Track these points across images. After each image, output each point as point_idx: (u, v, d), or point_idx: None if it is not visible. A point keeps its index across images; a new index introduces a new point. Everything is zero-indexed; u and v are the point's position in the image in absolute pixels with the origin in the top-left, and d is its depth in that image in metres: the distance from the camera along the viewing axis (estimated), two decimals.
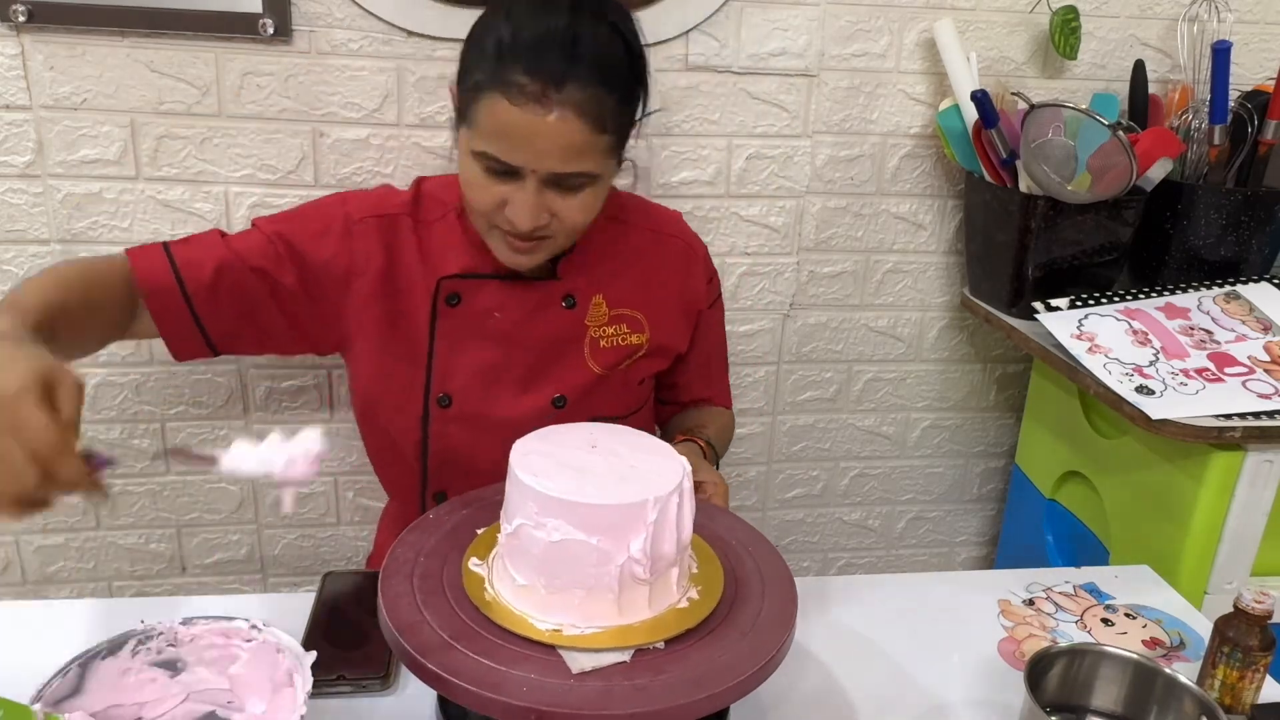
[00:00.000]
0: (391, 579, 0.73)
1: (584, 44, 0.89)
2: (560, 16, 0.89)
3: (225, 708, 0.73)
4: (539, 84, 0.87)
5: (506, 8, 0.92)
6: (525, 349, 1.05)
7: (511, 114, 0.88)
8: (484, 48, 0.91)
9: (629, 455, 0.73)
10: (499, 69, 0.88)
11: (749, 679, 0.66)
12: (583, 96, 0.88)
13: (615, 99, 0.91)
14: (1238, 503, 1.19)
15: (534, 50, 0.88)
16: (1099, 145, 1.27)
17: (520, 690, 0.62)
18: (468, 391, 1.05)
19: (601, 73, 0.90)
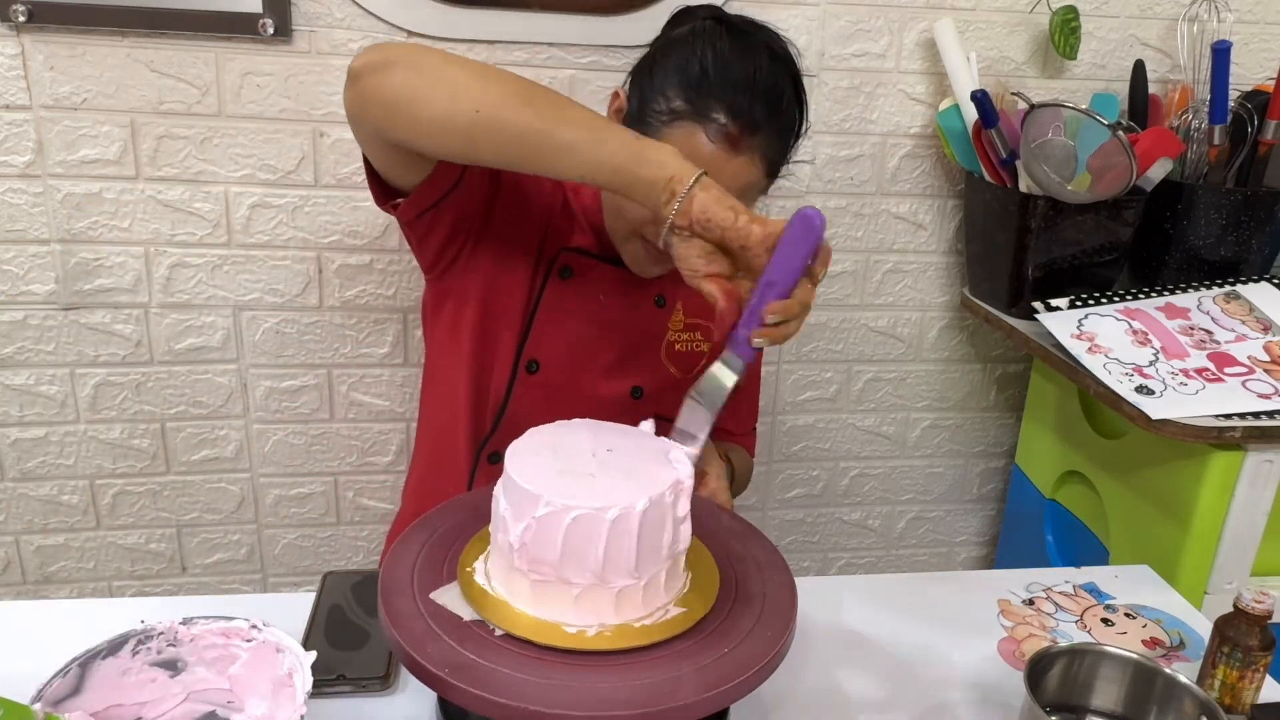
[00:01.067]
0: (391, 579, 0.73)
1: (781, 99, 0.93)
2: (761, 62, 0.92)
3: (225, 708, 0.73)
4: (738, 127, 0.90)
5: (711, 41, 0.94)
6: (617, 335, 1.08)
7: (705, 148, 0.90)
8: (684, 72, 0.92)
9: (628, 454, 0.73)
10: (700, 101, 0.91)
11: (749, 679, 0.66)
12: (768, 146, 0.93)
13: (785, 146, 0.97)
14: (1238, 503, 1.19)
15: (738, 93, 0.90)
16: (1099, 145, 1.27)
17: (520, 690, 0.62)
18: (557, 362, 1.06)
19: (787, 127, 0.96)
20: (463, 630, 0.68)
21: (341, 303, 1.46)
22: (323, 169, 1.38)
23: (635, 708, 0.62)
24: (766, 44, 0.95)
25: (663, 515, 0.68)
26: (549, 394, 1.07)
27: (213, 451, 1.51)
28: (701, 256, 0.78)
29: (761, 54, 0.93)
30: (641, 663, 0.66)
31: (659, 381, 1.11)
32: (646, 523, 0.67)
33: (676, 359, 1.12)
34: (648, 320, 1.10)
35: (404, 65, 0.82)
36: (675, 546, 0.71)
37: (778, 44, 0.97)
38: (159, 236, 1.38)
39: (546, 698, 0.62)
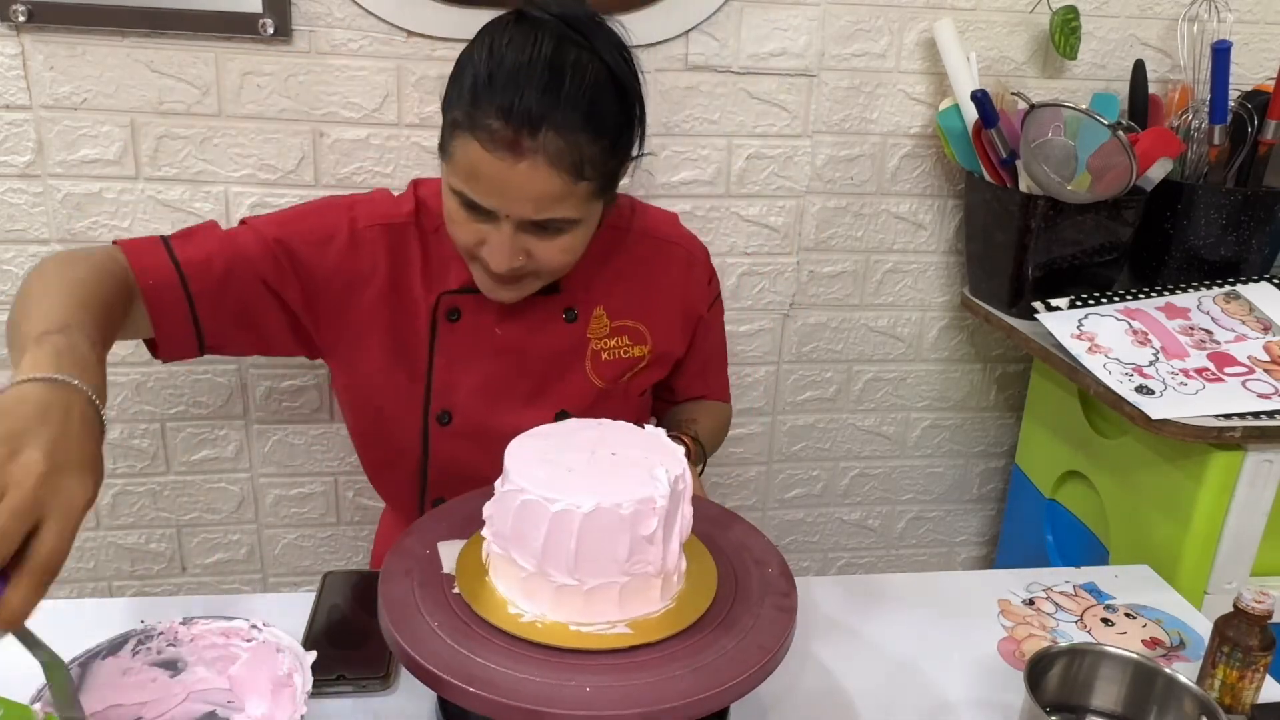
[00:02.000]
0: (391, 579, 0.73)
1: (566, 84, 0.83)
2: (542, 50, 0.83)
3: (225, 708, 0.73)
4: (512, 130, 0.82)
5: (490, 40, 0.86)
6: (527, 364, 1.04)
7: (484, 159, 0.83)
8: (462, 82, 0.86)
9: (626, 453, 0.73)
10: (474, 109, 0.83)
11: (749, 679, 0.66)
12: (560, 144, 0.83)
13: (600, 145, 0.85)
14: (1238, 503, 1.19)
15: (510, 90, 0.82)
16: (1099, 145, 1.27)
17: (520, 690, 0.62)
18: (469, 407, 1.03)
19: (584, 117, 0.83)
20: (463, 630, 0.68)
21: None
22: (323, 169, 1.38)
23: (635, 707, 0.62)
24: (556, 32, 0.85)
25: (664, 514, 0.68)
26: (468, 439, 1.03)
27: (213, 451, 1.51)
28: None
29: (542, 43, 0.83)
30: (641, 662, 0.66)
31: (586, 399, 1.06)
32: (647, 521, 0.67)
33: (605, 369, 1.07)
34: (559, 339, 1.04)
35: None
36: (676, 545, 0.71)
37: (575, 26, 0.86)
38: None
39: (546, 697, 0.62)
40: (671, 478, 0.69)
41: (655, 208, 1.15)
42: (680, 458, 0.73)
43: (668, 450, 0.75)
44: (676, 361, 1.15)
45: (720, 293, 1.20)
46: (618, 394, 1.08)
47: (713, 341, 1.20)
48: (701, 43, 1.40)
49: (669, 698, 0.63)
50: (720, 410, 1.24)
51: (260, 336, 1.00)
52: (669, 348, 1.11)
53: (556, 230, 0.90)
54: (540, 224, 0.88)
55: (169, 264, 0.92)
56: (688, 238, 1.13)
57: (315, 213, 1.02)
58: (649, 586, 0.70)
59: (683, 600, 0.72)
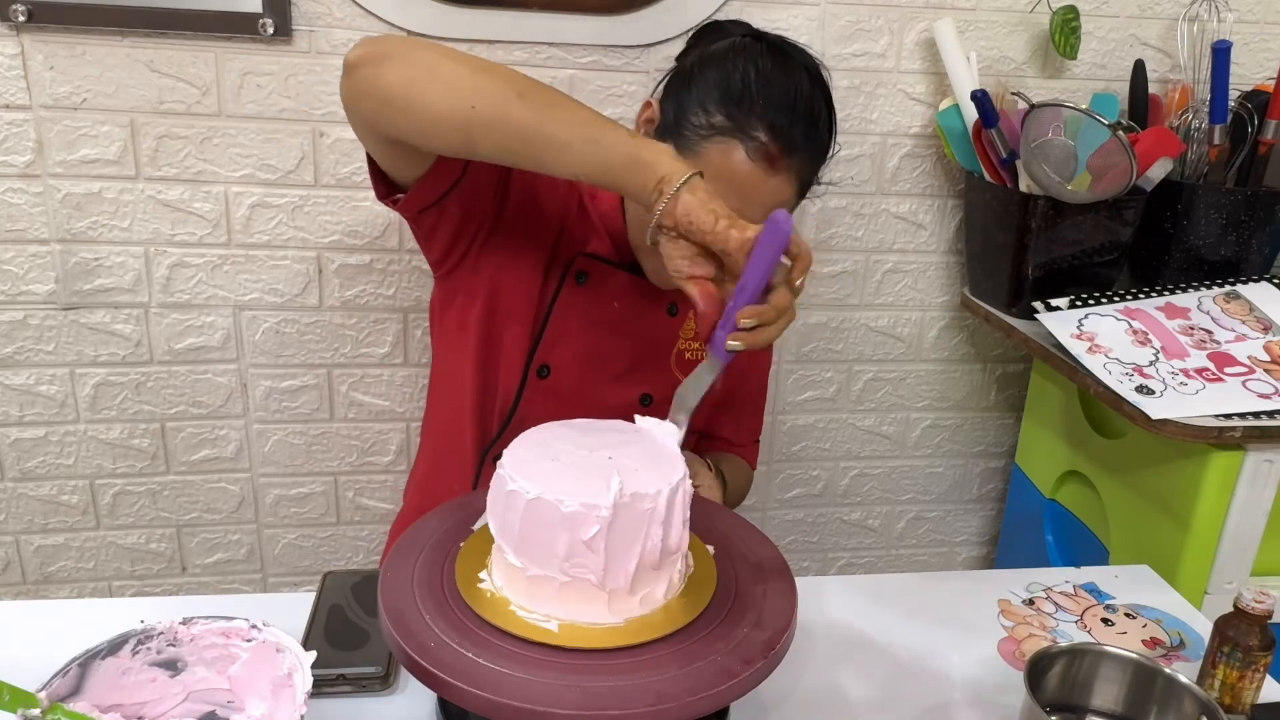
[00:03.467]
0: (391, 579, 0.73)
1: (821, 123, 0.94)
2: (802, 84, 0.93)
3: (225, 708, 0.73)
4: (778, 147, 0.91)
5: (750, 55, 0.94)
6: (628, 343, 1.08)
7: (744, 165, 0.91)
8: (726, 88, 0.92)
9: (625, 452, 0.73)
10: (741, 118, 0.91)
11: (749, 678, 0.66)
12: (804, 167, 0.94)
13: (817, 168, 0.98)
14: (1238, 503, 1.19)
15: (779, 113, 0.91)
16: (1099, 145, 1.27)
17: (520, 690, 0.62)
18: (568, 368, 1.06)
19: (822, 149, 0.96)
20: (463, 630, 0.68)
21: (341, 303, 1.46)
22: (323, 169, 1.38)
23: (635, 706, 0.62)
24: (804, 65, 0.96)
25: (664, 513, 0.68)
26: (558, 399, 1.06)
27: (213, 451, 1.51)
28: (686, 258, 0.78)
29: (801, 75, 0.94)
30: (641, 661, 0.66)
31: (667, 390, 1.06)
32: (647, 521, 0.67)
33: (685, 367, 1.12)
34: (659, 328, 1.10)
35: (399, 59, 0.82)
36: (676, 544, 0.71)
37: (813, 66, 0.97)
38: (159, 236, 1.38)
39: (546, 697, 0.62)
40: (624, 491, 0.67)
41: None
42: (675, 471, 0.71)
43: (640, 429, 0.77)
44: (727, 389, 1.18)
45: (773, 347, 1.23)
46: None
47: (753, 383, 1.24)
48: None
49: (669, 697, 0.63)
50: (743, 468, 1.26)
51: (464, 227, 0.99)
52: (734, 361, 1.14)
53: None
54: None
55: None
56: None
57: None
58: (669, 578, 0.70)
59: (682, 599, 0.72)
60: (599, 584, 0.67)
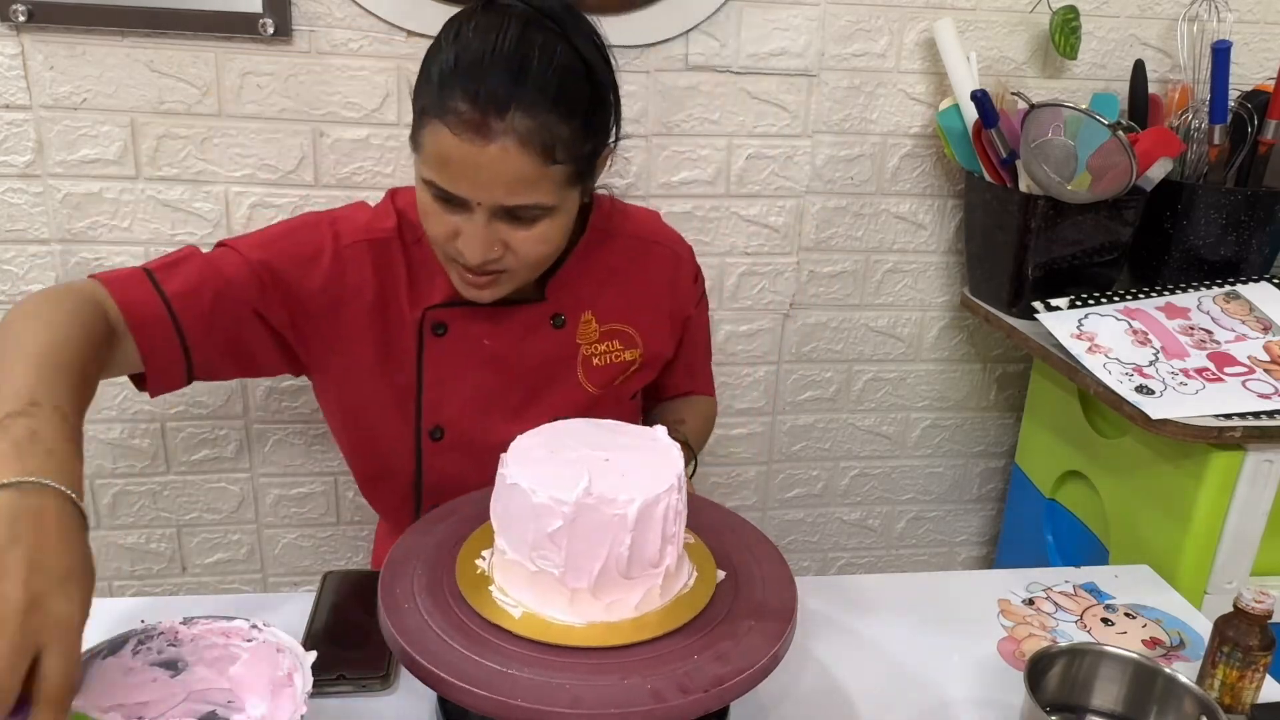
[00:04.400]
0: (391, 579, 0.73)
1: (533, 66, 0.82)
2: (508, 34, 0.83)
3: (225, 708, 0.73)
4: (479, 112, 0.81)
5: (457, 28, 0.86)
6: (518, 374, 1.02)
7: (452, 144, 0.82)
8: (430, 71, 0.86)
9: (623, 452, 0.73)
10: (441, 94, 0.83)
11: (749, 678, 0.66)
12: (530, 125, 0.82)
13: (571, 126, 0.85)
14: (1238, 503, 1.19)
15: (476, 73, 0.82)
16: (1099, 145, 1.27)
17: (519, 690, 0.62)
18: (461, 421, 1.02)
19: (553, 98, 0.83)
20: (463, 630, 0.68)
21: None
22: (323, 169, 1.38)
23: (635, 706, 0.62)
24: (524, 17, 0.85)
25: (663, 513, 0.68)
26: (461, 453, 1.02)
27: (213, 451, 1.51)
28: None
29: (510, 26, 0.83)
30: (641, 661, 0.66)
31: (578, 406, 1.04)
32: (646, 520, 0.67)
33: (597, 375, 1.06)
34: (548, 346, 1.03)
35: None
36: (675, 544, 0.71)
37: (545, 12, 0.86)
38: (159, 236, 1.37)
39: (546, 697, 0.62)
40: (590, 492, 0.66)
41: (636, 206, 1.14)
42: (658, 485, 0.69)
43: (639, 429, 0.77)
44: (667, 362, 1.14)
45: (705, 288, 1.20)
46: (610, 399, 1.07)
47: (700, 338, 1.20)
48: (701, 43, 1.40)
49: (669, 697, 0.63)
50: (706, 405, 1.24)
51: (249, 361, 0.98)
52: (659, 349, 1.11)
53: (532, 219, 0.88)
54: (514, 212, 0.87)
55: (156, 298, 0.88)
56: (672, 236, 1.12)
57: (296, 231, 0.99)
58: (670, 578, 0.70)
59: (682, 599, 0.72)
60: (560, 579, 0.68)
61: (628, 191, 1.45)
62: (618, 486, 0.67)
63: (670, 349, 1.13)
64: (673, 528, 0.69)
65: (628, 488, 0.68)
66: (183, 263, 0.92)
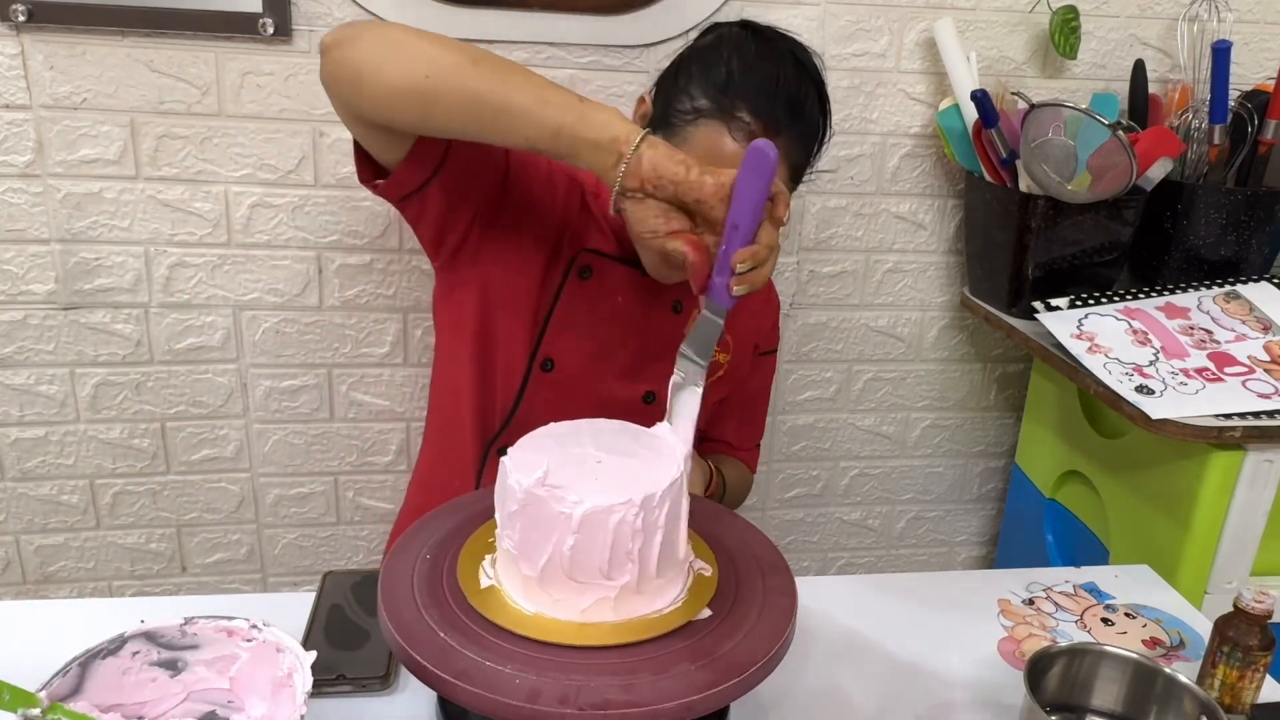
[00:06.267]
0: (392, 579, 0.73)
1: (806, 103, 0.95)
2: (786, 68, 0.95)
3: (225, 707, 0.73)
4: (761, 126, 0.91)
5: (736, 45, 0.96)
6: (633, 339, 1.08)
7: (729, 146, 0.91)
8: (710, 75, 0.94)
9: (625, 452, 0.73)
10: (725, 100, 0.92)
11: (749, 678, 0.66)
12: (791, 149, 0.94)
13: (809, 155, 0.98)
14: (1238, 503, 1.19)
15: (763, 95, 0.92)
16: (1099, 145, 1.27)
17: (519, 690, 0.62)
18: (572, 362, 1.06)
19: (810, 132, 0.96)
20: (463, 630, 0.68)
21: (341, 302, 1.46)
22: (323, 169, 1.38)
23: (634, 706, 0.62)
24: (791, 51, 0.97)
25: (663, 512, 0.68)
26: (561, 393, 1.06)
27: (213, 451, 1.51)
28: (659, 216, 0.79)
29: (786, 60, 0.96)
30: (641, 661, 0.66)
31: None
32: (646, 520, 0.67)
33: None
34: (663, 325, 1.09)
35: (366, 39, 0.84)
36: (675, 544, 0.71)
37: (802, 52, 0.99)
38: (159, 236, 1.38)
39: (546, 697, 0.62)
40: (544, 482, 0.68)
41: None
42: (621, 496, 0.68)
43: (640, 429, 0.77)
44: (739, 382, 1.19)
45: (777, 351, 1.25)
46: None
47: (758, 387, 1.25)
48: None
49: (669, 696, 0.63)
50: (743, 472, 1.27)
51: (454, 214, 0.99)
52: (740, 362, 1.17)
53: None
54: None
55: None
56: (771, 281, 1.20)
57: None
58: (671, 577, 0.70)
59: (635, 624, 0.72)
60: (515, 560, 0.69)
61: None
62: (580, 488, 0.67)
63: (746, 370, 1.19)
64: (629, 544, 0.67)
65: (588, 491, 0.67)
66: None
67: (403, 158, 0.93)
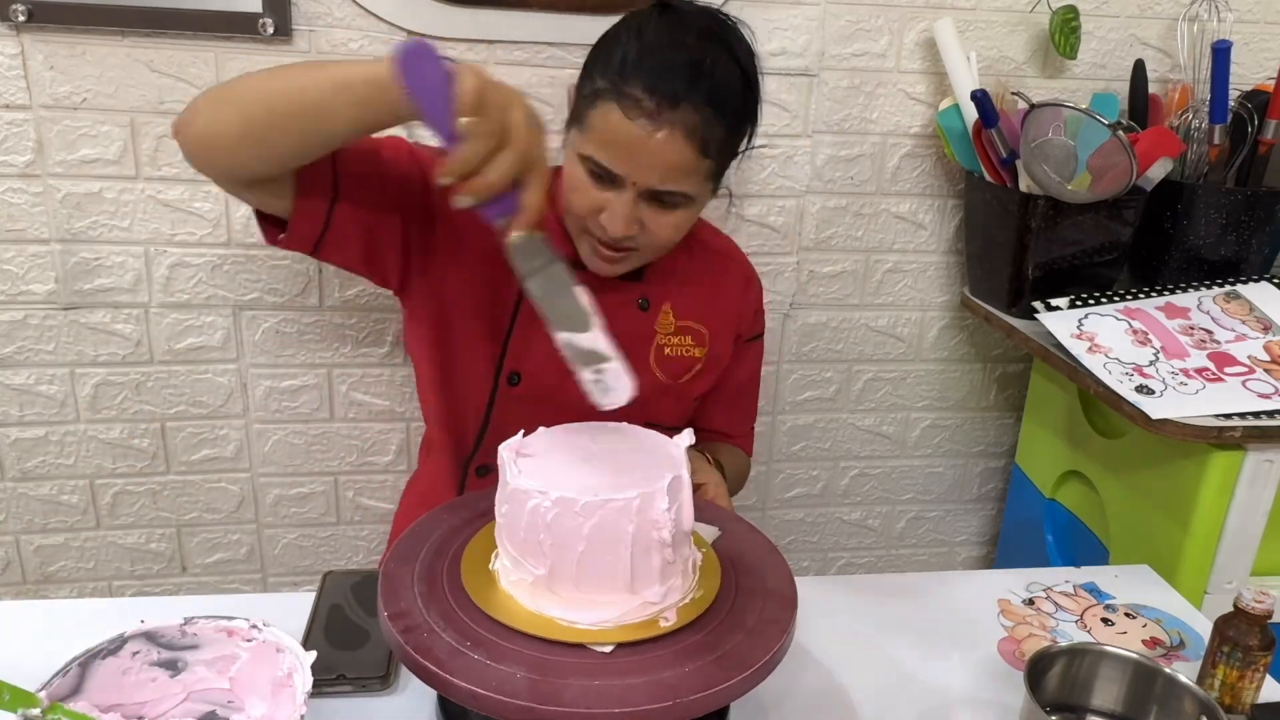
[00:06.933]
0: (392, 578, 0.73)
1: (705, 71, 0.92)
2: (686, 39, 0.93)
3: (225, 707, 0.73)
4: (655, 101, 0.90)
5: (639, 24, 0.95)
6: None
7: (623, 125, 0.91)
8: (610, 58, 0.94)
9: (626, 450, 0.73)
10: (620, 80, 0.91)
11: (749, 678, 0.66)
12: (694, 120, 0.91)
13: (724, 127, 0.94)
14: (1238, 503, 1.19)
15: (657, 69, 0.91)
16: (1099, 145, 1.27)
17: (519, 689, 0.62)
18: (540, 372, 1.06)
19: (716, 100, 0.93)
20: (463, 629, 0.68)
21: (341, 303, 1.46)
22: None
23: (634, 705, 0.62)
24: (700, 25, 0.95)
25: (663, 510, 0.68)
26: (532, 405, 1.05)
27: (213, 451, 1.51)
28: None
29: (689, 32, 0.94)
30: (641, 661, 0.66)
31: (646, 388, 1.03)
32: (647, 518, 0.67)
33: (666, 364, 1.10)
34: (630, 324, 1.07)
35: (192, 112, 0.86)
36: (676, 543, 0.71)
37: (716, 23, 0.96)
38: (159, 236, 1.38)
39: (546, 696, 0.62)
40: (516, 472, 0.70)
41: (716, 228, 1.22)
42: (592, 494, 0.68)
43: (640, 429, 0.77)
44: (723, 369, 1.17)
45: (763, 334, 1.24)
46: (674, 392, 1.11)
47: (746, 373, 1.23)
48: None
49: (669, 696, 0.63)
50: (741, 458, 1.26)
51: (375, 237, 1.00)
52: (721, 353, 1.15)
53: (673, 204, 0.96)
54: (660, 196, 0.95)
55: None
56: (748, 263, 1.20)
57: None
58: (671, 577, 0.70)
59: (683, 599, 0.72)
60: (514, 561, 0.70)
61: None
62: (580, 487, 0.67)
63: (728, 357, 1.17)
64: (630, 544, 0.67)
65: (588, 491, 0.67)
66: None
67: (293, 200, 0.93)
